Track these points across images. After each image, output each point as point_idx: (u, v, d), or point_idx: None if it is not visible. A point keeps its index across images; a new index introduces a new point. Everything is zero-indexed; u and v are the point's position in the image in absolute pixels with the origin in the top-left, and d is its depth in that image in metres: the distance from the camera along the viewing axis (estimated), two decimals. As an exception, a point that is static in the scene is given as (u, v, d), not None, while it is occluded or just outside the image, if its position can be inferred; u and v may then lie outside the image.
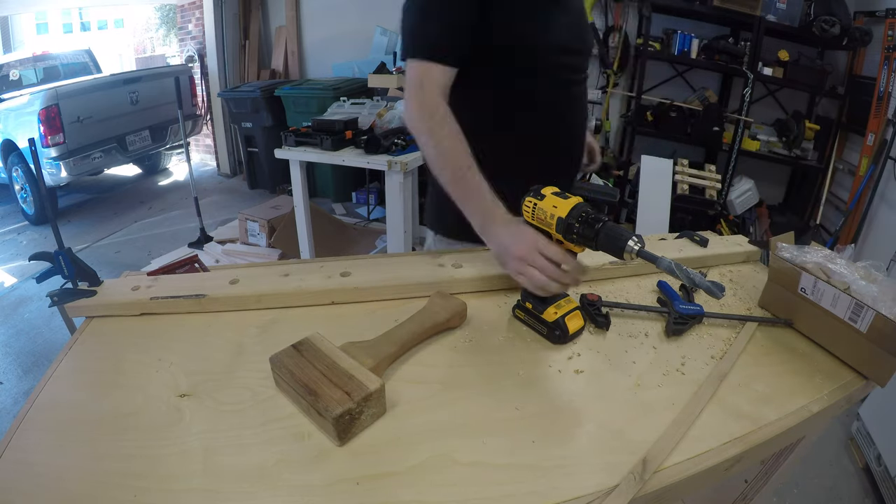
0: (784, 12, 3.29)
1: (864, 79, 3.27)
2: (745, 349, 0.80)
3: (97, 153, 4.25)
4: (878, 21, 3.09)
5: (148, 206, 4.72)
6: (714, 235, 1.16)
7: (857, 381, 0.76)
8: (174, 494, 0.55)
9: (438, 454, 0.60)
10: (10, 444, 0.61)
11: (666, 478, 0.58)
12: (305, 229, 2.85)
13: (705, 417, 0.67)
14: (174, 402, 0.67)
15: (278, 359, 0.68)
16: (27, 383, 2.36)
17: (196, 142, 5.99)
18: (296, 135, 2.70)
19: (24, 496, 0.55)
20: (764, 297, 0.93)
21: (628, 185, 3.74)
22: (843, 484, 1.84)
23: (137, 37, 7.65)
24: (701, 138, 3.58)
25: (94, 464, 0.59)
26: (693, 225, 3.15)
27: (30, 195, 4.21)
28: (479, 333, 0.82)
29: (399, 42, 4.30)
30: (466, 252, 1.05)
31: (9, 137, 4.16)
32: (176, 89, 3.34)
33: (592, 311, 0.85)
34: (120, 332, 0.83)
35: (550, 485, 0.57)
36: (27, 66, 4.89)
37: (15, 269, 3.50)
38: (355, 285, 0.90)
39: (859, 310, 0.74)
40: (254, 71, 5.11)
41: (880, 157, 2.87)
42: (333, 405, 0.60)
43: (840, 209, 3.37)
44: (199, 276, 0.97)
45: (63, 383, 0.72)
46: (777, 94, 3.70)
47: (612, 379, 0.73)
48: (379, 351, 0.72)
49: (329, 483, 0.56)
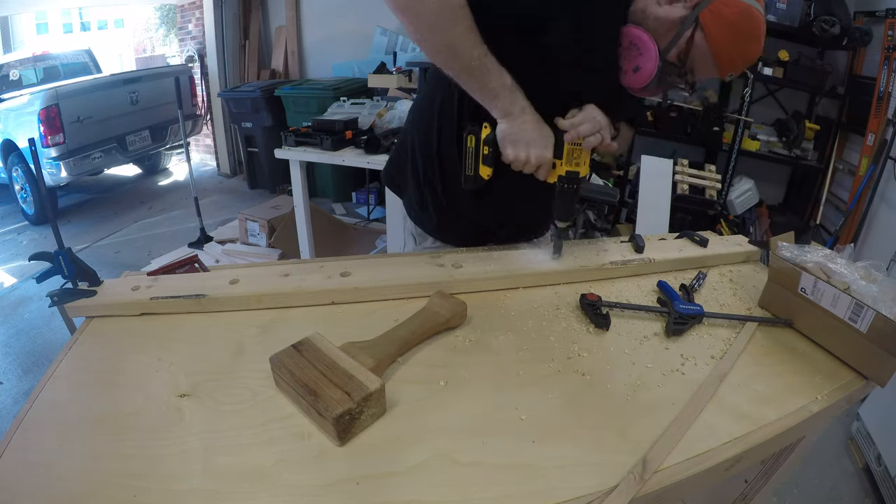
0: (784, 12, 3.29)
1: (864, 79, 3.27)
2: (745, 349, 0.81)
3: (97, 153, 4.24)
4: (878, 21, 3.08)
5: (148, 206, 4.72)
6: (714, 235, 1.16)
7: (857, 381, 0.76)
8: (174, 494, 0.55)
9: (438, 454, 0.60)
10: (10, 444, 0.61)
11: (666, 478, 0.58)
12: (305, 229, 2.84)
13: (705, 417, 0.67)
14: (174, 402, 0.67)
15: (278, 359, 0.68)
16: (27, 383, 2.36)
17: (196, 142, 5.99)
18: (296, 135, 2.69)
19: (24, 496, 0.55)
20: (764, 297, 0.93)
21: (628, 185, 3.73)
22: (843, 484, 1.84)
23: (137, 37, 7.64)
24: (701, 138, 3.58)
25: (93, 464, 0.59)
26: (693, 225, 3.15)
27: (30, 195, 4.21)
28: (479, 333, 0.82)
29: (399, 40, 4.24)
30: (467, 252, 1.05)
31: (9, 137, 4.16)
32: (176, 89, 3.34)
33: (592, 311, 0.85)
34: (120, 332, 0.83)
35: (550, 485, 0.57)
36: (27, 66, 4.89)
37: (15, 269, 3.50)
38: (355, 285, 0.90)
39: (859, 310, 0.74)
40: (254, 71, 5.11)
41: (880, 157, 2.87)
42: (333, 405, 0.60)
43: (840, 209, 3.37)
44: (199, 276, 0.97)
45: (63, 383, 0.72)
46: (777, 94, 3.70)
47: (612, 379, 0.73)
48: (379, 351, 0.71)
49: (329, 483, 0.56)
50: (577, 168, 0.90)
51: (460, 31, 0.81)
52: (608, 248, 1.06)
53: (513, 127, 0.88)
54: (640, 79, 0.90)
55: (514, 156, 0.90)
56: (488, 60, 0.84)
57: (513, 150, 0.89)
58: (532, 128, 0.88)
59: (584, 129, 0.89)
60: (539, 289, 0.95)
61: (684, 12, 0.84)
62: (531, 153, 0.89)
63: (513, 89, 0.87)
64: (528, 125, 0.88)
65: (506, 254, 1.03)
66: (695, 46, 0.85)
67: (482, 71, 0.84)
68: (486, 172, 0.93)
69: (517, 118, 0.88)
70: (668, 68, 0.89)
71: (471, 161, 0.93)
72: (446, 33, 0.82)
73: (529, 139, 0.88)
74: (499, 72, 0.85)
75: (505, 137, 0.89)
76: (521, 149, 0.89)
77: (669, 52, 0.87)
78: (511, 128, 0.88)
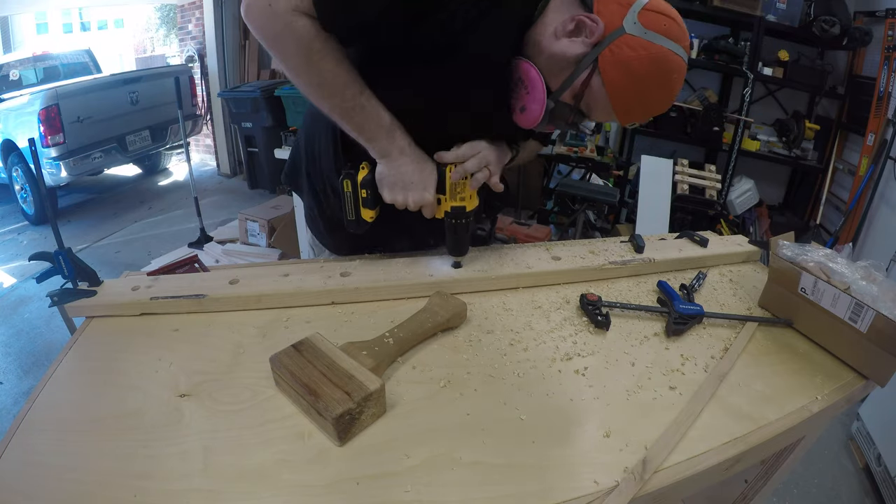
0: (784, 12, 3.29)
1: (864, 79, 3.27)
2: (745, 349, 0.81)
3: (97, 153, 4.24)
4: (878, 21, 3.09)
5: (148, 206, 4.72)
6: (714, 235, 1.17)
7: (857, 381, 0.76)
8: (174, 494, 0.55)
9: (438, 454, 0.60)
10: (10, 444, 0.61)
11: (666, 478, 0.58)
12: (305, 229, 2.84)
13: (705, 417, 0.67)
14: (174, 402, 0.67)
15: (278, 359, 0.68)
16: (27, 383, 2.36)
17: (196, 142, 5.99)
18: (296, 135, 2.69)
19: (24, 496, 0.55)
20: (764, 297, 0.93)
21: (628, 185, 3.73)
22: (843, 484, 1.84)
23: (137, 37, 7.64)
24: (701, 138, 3.59)
25: (94, 464, 0.59)
26: (693, 225, 3.15)
27: (30, 195, 4.21)
28: (479, 333, 0.82)
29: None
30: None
31: (9, 137, 4.15)
32: (176, 89, 3.34)
33: (592, 311, 0.85)
34: (120, 332, 0.83)
35: (550, 485, 0.57)
36: (27, 66, 4.89)
37: (15, 269, 3.49)
38: (355, 285, 0.90)
39: (859, 310, 0.74)
40: (254, 71, 5.11)
41: (880, 157, 2.87)
42: (333, 405, 0.60)
43: (840, 209, 3.37)
44: (199, 276, 0.97)
45: (63, 383, 0.72)
46: (777, 94, 3.70)
47: (612, 379, 0.73)
48: (379, 351, 0.71)
49: (329, 483, 0.56)
50: (462, 203, 0.87)
51: (327, 70, 0.76)
52: (608, 248, 1.06)
53: (390, 169, 0.83)
54: (526, 120, 0.83)
55: (392, 199, 0.85)
56: (364, 99, 0.79)
57: (390, 194, 0.85)
58: (411, 169, 0.83)
59: (470, 165, 0.84)
60: (539, 289, 0.95)
61: (583, 50, 0.74)
62: (409, 196, 0.84)
63: (391, 129, 0.81)
64: (406, 167, 0.83)
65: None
66: (590, 90, 0.77)
67: (357, 111, 0.79)
68: (369, 215, 0.89)
69: (395, 160, 0.83)
70: (562, 108, 0.80)
71: (350, 206, 0.88)
72: (312, 74, 0.77)
73: (407, 182, 0.83)
74: (375, 111, 0.80)
75: (382, 180, 0.85)
76: (398, 192, 0.84)
77: (563, 94, 0.78)
78: (388, 169, 0.83)
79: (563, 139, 3.60)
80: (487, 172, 0.86)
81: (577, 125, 0.86)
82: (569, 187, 3.00)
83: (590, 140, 3.60)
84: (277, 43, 0.75)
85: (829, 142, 3.52)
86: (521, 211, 3.51)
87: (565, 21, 0.75)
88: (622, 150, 4.00)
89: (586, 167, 3.50)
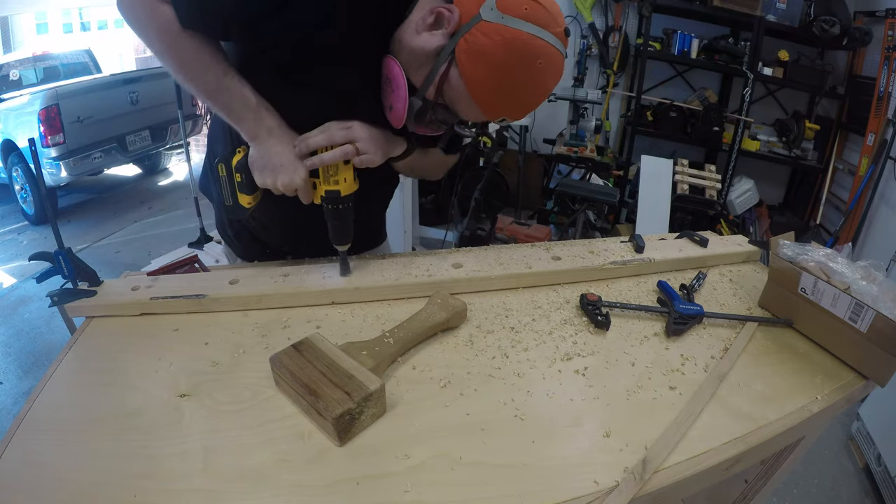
0: (784, 12, 3.29)
1: (864, 79, 3.27)
2: (745, 349, 0.81)
3: (97, 153, 4.24)
4: (878, 21, 3.09)
5: (148, 206, 4.72)
6: (714, 235, 1.16)
7: (857, 381, 0.76)
8: (174, 494, 0.55)
9: (438, 454, 0.60)
10: (10, 443, 0.61)
11: (666, 478, 0.58)
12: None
13: (705, 417, 0.67)
14: (174, 402, 0.67)
15: (278, 359, 0.68)
16: (27, 383, 2.36)
17: (196, 142, 5.97)
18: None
19: (24, 496, 0.55)
20: (764, 297, 0.93)
21: (628, 185, 3.74)
22: (843, 484, 1.84)
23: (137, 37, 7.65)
24: (701, 138, 3.59)
25: (94, 464, 0.59)
26: (693, 225, 3.15)
27: (30, 195, 4.21)
28: (479, 333, 0.82)
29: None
30: (467, 252, 1.05)
31: (9, 137, 4.15)
32: (176, 89, 3.33)
33: (592, 311, 0.85)
34: (120, 332, 0.83)
35: (550, 485, 0.57)
36: (27, 66, 4.88)
37: (15, 269, 3.49)
38: (355, 285, 0.90)
39: (859, 310, 0.74)
40: (254, 71, 5.10)
41: (880, 157, 2.87)
42: (333, 405, 0.60)
43: (840, 209, 3.37)
44: (199, 276, 0.97)
45: (63, 383, 0.72)
46: (777, 94, 3.70)
47: (612, 379, 0.73)
48: (379, 351, 0.72)
49: (329, 483, 0.56)
50: (336, 187, 0.83)
51: (187, 54, 0.76)
52: (608, 248, 1.06)
53: (260, 151, 0.81)
54: (394, 119, 0.81)
55: (262, 182, 0.81)
56: (228, 80, 0.77)
57: (261, 177, 0.81)
58: (280, 150, 0.80)
59: (315, 140, 0.80)
60: (539, 289, 0.95)
61: (441, 42, 0.71)
62: (278, 179, 0.80)
63: (257, 109, 0.79)
64: (275, 148, 0.80)
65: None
66: (449, 83, 0.73)
67: (221, 92, 0.78)
68: (246, 200, 0.85)
69: (264, 141, 0.80)
70: (428, 106, 0.77)
71: (226, 190, 0.86)
72: (173, 58, 0.77)
73: (276, 164, 0.80)
74: (240, 92, 0.78)
75: (253, 163, 0.82)
76: (267, 175, 0.81)
77: (427, 90, 0.75)
78: (258, 152, 0.81)
79: (562, 140, 3.60)
80: (352, 149, 0.81)
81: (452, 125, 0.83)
82: (569, 187, 3.00)
83: (590, 140, 3.61)
84: (141, 28, 0.78)
85: (829, 142, 3.52)
86: (521, 211, 3.50)
87: (425, 14, 0.73)
88: (622, 150, 4.00)
89: (586, 167, 3.50)
